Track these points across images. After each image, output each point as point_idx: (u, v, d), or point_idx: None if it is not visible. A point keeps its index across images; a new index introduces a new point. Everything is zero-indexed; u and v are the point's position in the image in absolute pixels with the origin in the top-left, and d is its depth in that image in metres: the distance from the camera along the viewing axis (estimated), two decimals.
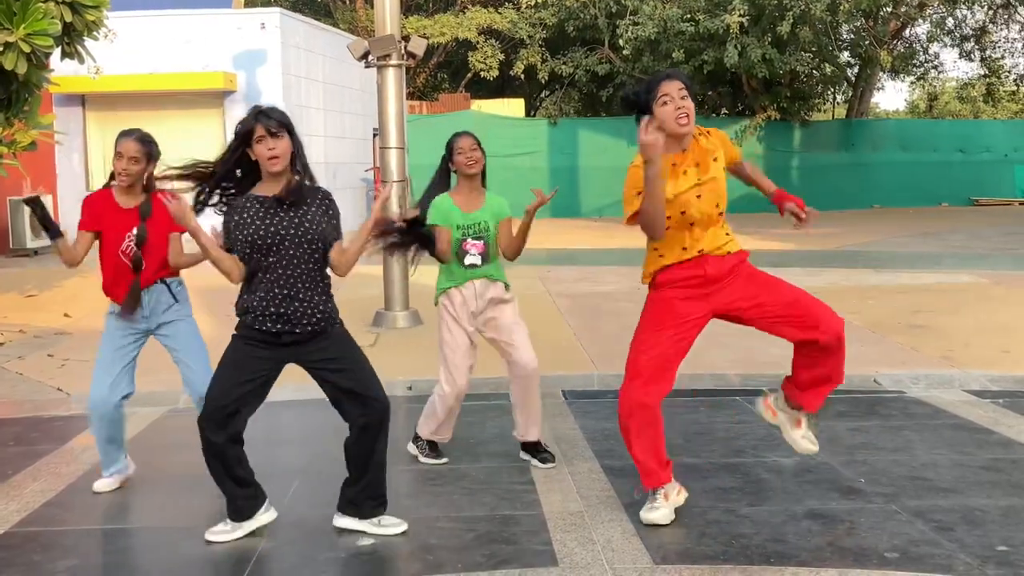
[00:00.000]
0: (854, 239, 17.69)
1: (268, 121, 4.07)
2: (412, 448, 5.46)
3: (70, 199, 17.92)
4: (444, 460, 5.34)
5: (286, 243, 4.07)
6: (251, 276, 4.13)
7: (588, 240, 18.01)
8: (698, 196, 4.23)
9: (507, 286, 5.24)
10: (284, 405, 6.79)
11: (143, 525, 4.57)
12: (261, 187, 4.17)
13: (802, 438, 4.60)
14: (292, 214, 4.10)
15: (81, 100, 17.85)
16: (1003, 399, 6.58)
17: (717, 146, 4.33)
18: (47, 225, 4.82)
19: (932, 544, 4.05)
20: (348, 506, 4.36)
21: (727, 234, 4.36)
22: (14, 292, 11.80)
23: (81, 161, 18.11)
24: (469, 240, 5.10)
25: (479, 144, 5.18)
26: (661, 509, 4.32)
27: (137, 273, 4.81)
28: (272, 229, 4.06)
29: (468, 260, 5.11)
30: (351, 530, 4.31)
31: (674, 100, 4.15)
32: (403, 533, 4.30)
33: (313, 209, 4.14)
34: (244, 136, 4.11)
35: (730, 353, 7.65)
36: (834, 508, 4.50)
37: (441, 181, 5.27)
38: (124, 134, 4.80)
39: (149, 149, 4.80)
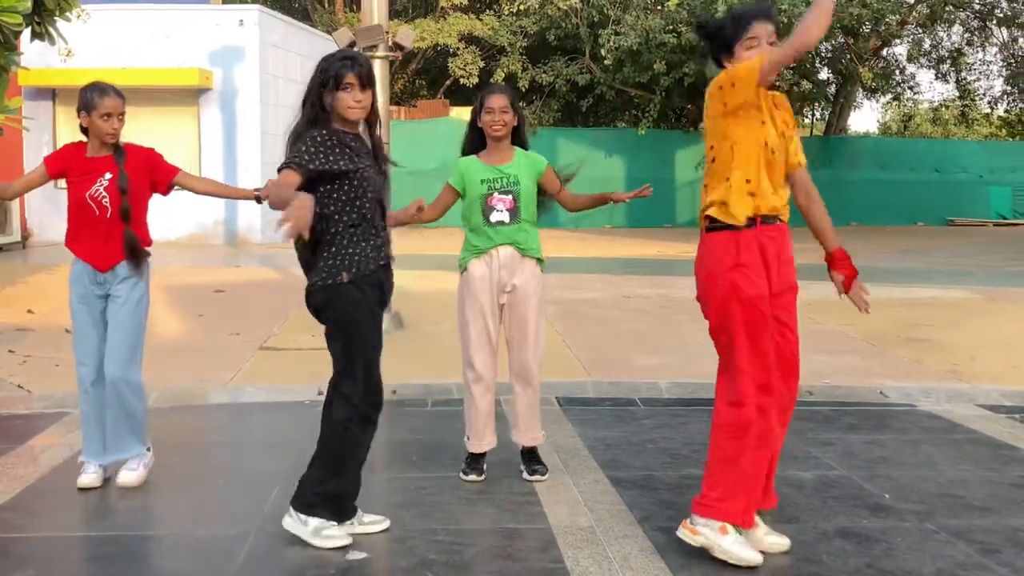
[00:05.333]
0: None
1: (360, 70, 3.78)
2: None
3: (38, 196, 17.31)
4: (481, 478, 4.71)
5: (382, 195, 3.98)
6: (342, 231, 3.82)
7: (567, 249, 17.62)
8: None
9: (541, 263, 4.71)
10: (261, 407, 6.40)
11: (108, 533, 4.14)
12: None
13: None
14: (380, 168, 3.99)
15: (52, 94, 17.30)
16: (1019, 414, 6.27)
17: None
18: None
19: (982, 568, 3.68)
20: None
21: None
22: None
23: None
24: (496, 194, 4.58)
25: (513, 105, 4.60)
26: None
27: (126, 223, 4.49)
28: (378, 184, 3.93)
29: (495, 217, 4.57)
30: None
31: (762, 44, 3.64)
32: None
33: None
34: (324, 81, 3.79)
35: None
36: (866, 526, 4.14)
37: (473, 141, 4.72)
38: (103, 91, 4.44)
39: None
